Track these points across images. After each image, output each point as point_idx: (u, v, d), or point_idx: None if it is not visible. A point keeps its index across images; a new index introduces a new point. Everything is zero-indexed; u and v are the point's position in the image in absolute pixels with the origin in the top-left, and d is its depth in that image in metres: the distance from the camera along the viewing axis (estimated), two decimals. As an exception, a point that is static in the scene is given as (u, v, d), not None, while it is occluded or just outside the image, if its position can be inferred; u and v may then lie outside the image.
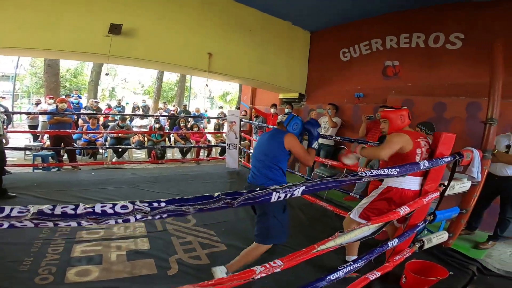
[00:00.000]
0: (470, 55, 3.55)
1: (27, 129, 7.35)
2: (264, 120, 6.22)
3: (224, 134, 7.10)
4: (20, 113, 6.47)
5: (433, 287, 1.83)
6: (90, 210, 0.66)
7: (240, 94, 8.35)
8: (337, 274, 1.22)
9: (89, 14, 3.02)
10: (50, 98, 6.79)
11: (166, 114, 8.95)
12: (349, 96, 4.89)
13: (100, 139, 6.41)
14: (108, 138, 6.41)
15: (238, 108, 8.42)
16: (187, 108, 9.43)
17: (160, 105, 11.08)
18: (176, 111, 9.12)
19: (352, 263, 1.32)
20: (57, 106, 5.13)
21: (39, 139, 6.56)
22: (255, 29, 4.33)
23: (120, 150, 6.23)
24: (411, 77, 4.17)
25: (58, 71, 8.69)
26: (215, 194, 0.83)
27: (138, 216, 0.71)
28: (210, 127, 9.96)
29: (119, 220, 0.69)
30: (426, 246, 1.96)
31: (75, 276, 1.90)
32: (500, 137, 2.78)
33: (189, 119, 8.01)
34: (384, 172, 1.24)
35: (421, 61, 4.04)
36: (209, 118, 9.16)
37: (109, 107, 9.37)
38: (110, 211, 0.68)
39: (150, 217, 0.73)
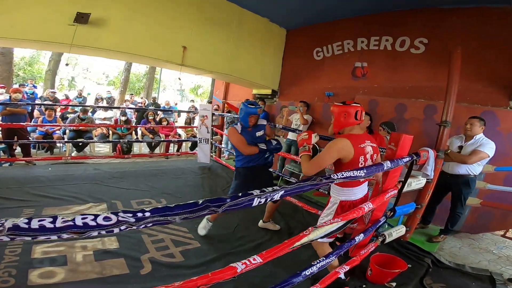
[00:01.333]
0: (431, 59, 3.80)
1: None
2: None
3: (195, 128, 6.96)
4: None
5: (394, 279, 1.99)
6: (71, 223, 0.61)
7: (213, 88, 8.22)
8: (312, 270, 1.28)
9: (52, 1, 2.74)
10: (2, 87, 6.11)
11: (133, 106, 8.53)
12: (320, 95, 5.04)
13: (57, 132, 5.93)
14: (67, 131, 5.95)
15: (210, 102, 8.30)
16: (156, 101, 9.05)
17: (127, 97, 10.50)
18: (144, 104, 8.71)
19: (324, 258, 1.39)
20: (10, 97, 4.63)
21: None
22: (232, 24, 4.27)
23: (80, 144, 5.82)
24: (377, 79, 4.40)
25: (12, 59, 7.83)
26: (200, 202, 0.81)
27: (123, 227, 0.67)
28: (181, 121, 9.68)
29: (102, 232, 0.65)
30: (388, 240, 2.10)
31: (38, 278, 1.77)
32: (453, 138, 3.05)
33: (158, 112, 7.70)
34: (354, 174, 1.31)
35: (387, 64, 4.26)
36: (179, 112, 8.88)
37: (67, 98, 8.67)
38: (92, 223, 0.63)
39: (135, 227, 0.70)
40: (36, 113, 6.36)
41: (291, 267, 1.60)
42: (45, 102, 6.74)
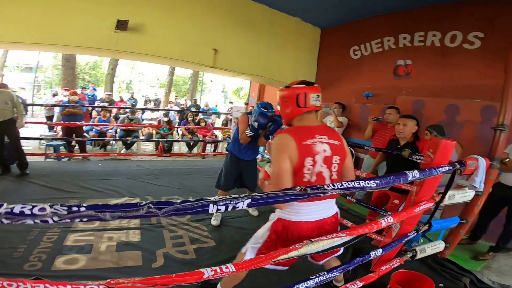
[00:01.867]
0: (489, 55, 3.33)
1: (45, 120, 7.65)
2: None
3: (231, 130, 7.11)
4: (33, 104, 6.76)
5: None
6: (9, 210, 0.66)
7: (250, 90, 8.31)
8: (307, 284, 1.18)
9: (98, 10, 3.08)
10: (65, 90, 7.02)
11: (176, 108, 9.07)
12: (358, 95, 4.74)
13: (110, 130, 6.59)
14: (118, 130, 6.57)
15: (247, 104, 8.40)
16: (197, 103, 9.50)
17: (172, 98, 11.22)
18: (186, 105, 9.21)
19: (326, 272, 1.27)
20: (69, 99, 5.29)
21: (54, 130, 6.82)
22: (263, 25, 4.26)
23: (128, 142, 6.37)
24: (423, 77, 3.98)
25: (75, 64, 8.98)
26: (143, 203, 0.80)
27: (55, 219, 0.70)
28: (220, 122, 10.01)
29: (37, 221, 0.68)
30: (419, 255, 1.86)
31: (62, 264, 1.95)
32: (514, 145, 2.60)
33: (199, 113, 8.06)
34: (360, 184, 1.15)
35: (435, 61, 3.83)
36: (217, 113, 9.15)
37: (122, 99, 9.59)
38: (28, 212, 0.68)
39: (68, 220, 0.72)
40: (94, 113, 7.17)
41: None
42: (102, 104, 7.55)
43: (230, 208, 0.89)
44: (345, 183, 1.09)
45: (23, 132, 4.08)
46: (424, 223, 1.97)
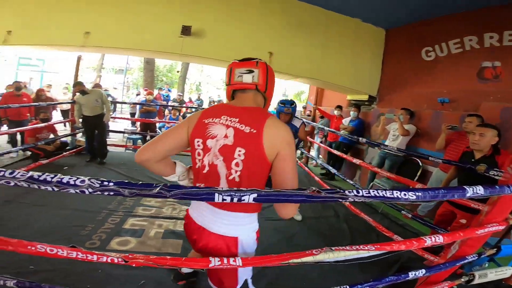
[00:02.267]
0: None
1: (128, 116, 8.97)
2: (328, 122, 5.96)
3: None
4: (118, 102, 8.06)
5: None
6: (59, 179, 0.82)
7: (309, 94, 8.17)
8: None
9: (166, 18, 3.53)
10: (145, 90, 8.10)
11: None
12: (430, 101, 4.21)
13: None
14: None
15: (304, 108, 8.28)
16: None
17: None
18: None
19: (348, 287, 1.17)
20: (145, 98, 6.11)
21: (135, 125, 7.93)
22: (318, 28, 4.17)
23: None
24: (517, 81, 3.32)
25: (154, 67, 10.26)
26: (155, 184, 0.86)
27: (90, 190, 0.84)
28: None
29: (77, 190, 0.83)
30: (477, 281, 1.57)
31: (116, 245, 2.24)
32: None
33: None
34: (393, 194, 1.00)
35: (533, 62, 3.17)
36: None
37: (190, 100, 10.54)
38: (72, 182, 0.83)
39: (99, 192, 0.85)
40: (166, 112, 8.09)
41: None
42: (172, 103, 8.45)
43: (235, 199, 0.88)
44: (372, 191, 0.99)
45: (112, 126, 4.88)
46: (491, 246, 1.65)
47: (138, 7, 3.58)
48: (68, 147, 5.06)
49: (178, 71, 12.95)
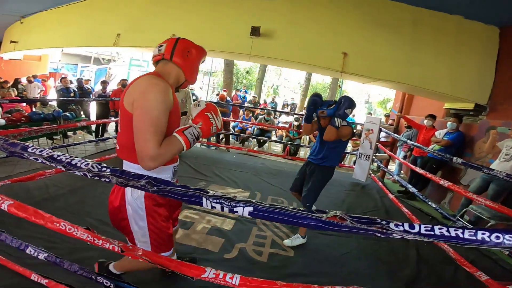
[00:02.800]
0: None
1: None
2: (416, 133, 5.12)
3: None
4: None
5: None
6: (69, 160, 0.82)
7: (394, 100, 7.22)
8: None
9: (235, 19, 3.60)
10: (224, 91, 8.64)
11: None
12: None
13: (249, 128, 7.51)
14: (255, 129, 7.38)
15: (387, 116, 7.34)
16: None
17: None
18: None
19: None
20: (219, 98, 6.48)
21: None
22: (404, 26, 3.58)
23: (261, 141, 7.04)
24: None
25: (233, 69, 10.85)
26: (145, 176, 0.84)
27: (89, 175, 0.85)
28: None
29: (80, 173, 0.84)
30: None
31: None
32: None
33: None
34: (477, 235, 0.68)
35: None
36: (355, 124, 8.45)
37: (265, 102, 10.72)
38: (79, 165, 0.85)
39: (96, 177, 0.82)
40: (240, 112, 8.42)
41: None
42: (247, 105, 8.74)
43: (225, 209, 0.78)
44: (441, 229, 0.72)
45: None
46: None
47: (211, 11, 3.78)
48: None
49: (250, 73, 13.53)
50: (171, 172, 1.31)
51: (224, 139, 6.79)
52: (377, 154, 5.53)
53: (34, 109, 6.35)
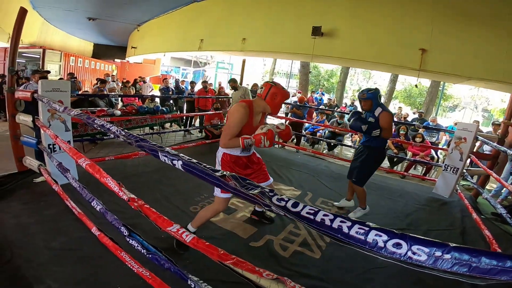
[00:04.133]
0: None
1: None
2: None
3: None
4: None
5: None
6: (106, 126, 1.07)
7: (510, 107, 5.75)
8: None
9: (298, 20, 3.60)
10: (299, 92, 8.66)
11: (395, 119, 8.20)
12: None
13: (321, 131, 7.32)
14: (326, 131, 7.14)
15: (496, 124, 5.90)
16: (423, 116, 7.96)
17: (396, 110, 10.21)
18: (404, 118, 8.02)
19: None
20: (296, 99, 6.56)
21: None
22: (498, 18, 2.82)
23: (332, 144, 6.76)
24: None
25: (308, 71, 10.71)
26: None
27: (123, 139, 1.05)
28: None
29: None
30: None
31: None
32: None
33: (421, 129, 6.77)
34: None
35: None
36: (438, 130, 7.04)
37: (345, 106, 10.17)
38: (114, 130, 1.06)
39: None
40: (314, 114, 8.28)
41: None
42: (321, 107, 8.52)
43: (168, 161, 1.01)
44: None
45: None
46: None
47: (275, 15, 3.92)
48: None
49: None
50: (238, 151, 2.09)
51: (295, 140, 6.84)
52: (470, 168, 4.58)
53: (143, 104, 7.91)
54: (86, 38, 12.81)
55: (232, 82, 5.32)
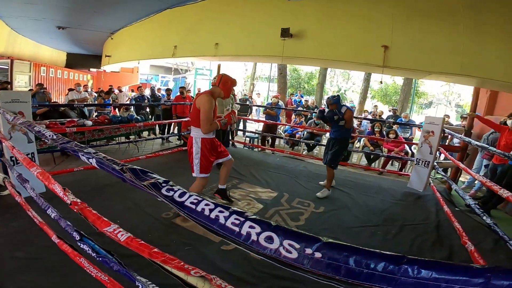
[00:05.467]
0: None
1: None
2: (494, 139, 4.20)
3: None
4: (245, 104, 9.07)
5: None
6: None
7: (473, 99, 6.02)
8: None
9: (268, 23, 3.63)
10: (275, 97, 8.73)
11: (370, 117, 8.41)
12: None
13: (300, 132, 7.37)
14: (305, 133, 7.20)
15: (463, 117, 6.17)
16: (396, 113, 8.21)
17: (370, 107, 10.52)
18: (379, 115, 8.24)
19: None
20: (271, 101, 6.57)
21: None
22: (457, 13, 2.96)
23: (311, 144, 6.82)
24: None
25: (286, 74, 10.84)
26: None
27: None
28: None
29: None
30: None
31: (179, 221, 2.62)
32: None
33: (394, 126, 6.96)
34: None
35: None
36: (410, 125, 7.25)
37: (323, 106, 10.34)
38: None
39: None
40: (293, 116, 8.33)
41: None
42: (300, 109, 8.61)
43: (84, 158, 1.06)
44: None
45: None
46: None
47: (246, 19, 3.93)
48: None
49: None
50: (212, 135, 2.60)
51: (270, 142, 6.85)
52: (442, 161, 4.73)
53: (117, 113, 7.68)
54: (58, 48, 12.38)
55: None
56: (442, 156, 4.63)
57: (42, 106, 5.50)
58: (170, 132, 7.64)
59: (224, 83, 2.54)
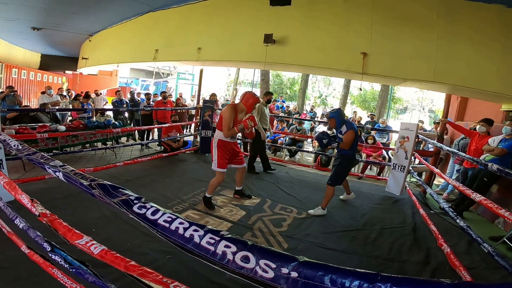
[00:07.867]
0: None
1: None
2: (465, 144, 4.43)
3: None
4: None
5: None
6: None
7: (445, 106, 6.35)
8: None
9: (251, 29, 3.67)
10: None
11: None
12: None
13: (282, 138, 7.42)
14: (287, 138, 7.27)
15: (436, 123, 6.48)
16: (374, 119, 8.51)
17: (351, 114, 10.82)
18: (358, 121, 8.50)
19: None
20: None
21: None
22: (433, 20, 3.15)
23: (293, 150, 6.88)
24: None
25: (269, 79, 10.99)
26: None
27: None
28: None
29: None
30: None
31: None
32: None
33: (372, 132, 7.19)
34: None
35: None
36: (386, 131, 7.57)
37: (305, 112, 10.50)
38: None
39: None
40: (275, 122, 8.39)
41: None
42: (282, 115, 8.70)
43: (50, 171, 1.02)
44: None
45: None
46: None
47: (230, 23, 3.95)
48: (187, 146, 6.15)
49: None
50: (231, 139, 3.06)
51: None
52: (417, 165, 4.93)
53: (93, 118, 7.39)
54: (32, 49, 11.83)
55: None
56: (417, 161, 4.81)
57: (12, 110, 5.20)
58: (150, 138, 7.43)
59: (246, 100, 3.01)
